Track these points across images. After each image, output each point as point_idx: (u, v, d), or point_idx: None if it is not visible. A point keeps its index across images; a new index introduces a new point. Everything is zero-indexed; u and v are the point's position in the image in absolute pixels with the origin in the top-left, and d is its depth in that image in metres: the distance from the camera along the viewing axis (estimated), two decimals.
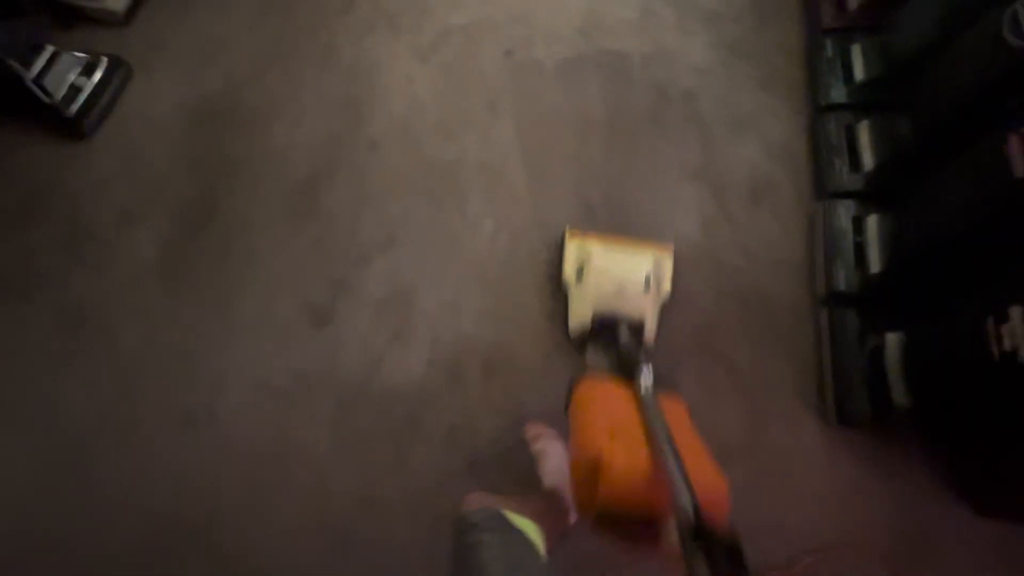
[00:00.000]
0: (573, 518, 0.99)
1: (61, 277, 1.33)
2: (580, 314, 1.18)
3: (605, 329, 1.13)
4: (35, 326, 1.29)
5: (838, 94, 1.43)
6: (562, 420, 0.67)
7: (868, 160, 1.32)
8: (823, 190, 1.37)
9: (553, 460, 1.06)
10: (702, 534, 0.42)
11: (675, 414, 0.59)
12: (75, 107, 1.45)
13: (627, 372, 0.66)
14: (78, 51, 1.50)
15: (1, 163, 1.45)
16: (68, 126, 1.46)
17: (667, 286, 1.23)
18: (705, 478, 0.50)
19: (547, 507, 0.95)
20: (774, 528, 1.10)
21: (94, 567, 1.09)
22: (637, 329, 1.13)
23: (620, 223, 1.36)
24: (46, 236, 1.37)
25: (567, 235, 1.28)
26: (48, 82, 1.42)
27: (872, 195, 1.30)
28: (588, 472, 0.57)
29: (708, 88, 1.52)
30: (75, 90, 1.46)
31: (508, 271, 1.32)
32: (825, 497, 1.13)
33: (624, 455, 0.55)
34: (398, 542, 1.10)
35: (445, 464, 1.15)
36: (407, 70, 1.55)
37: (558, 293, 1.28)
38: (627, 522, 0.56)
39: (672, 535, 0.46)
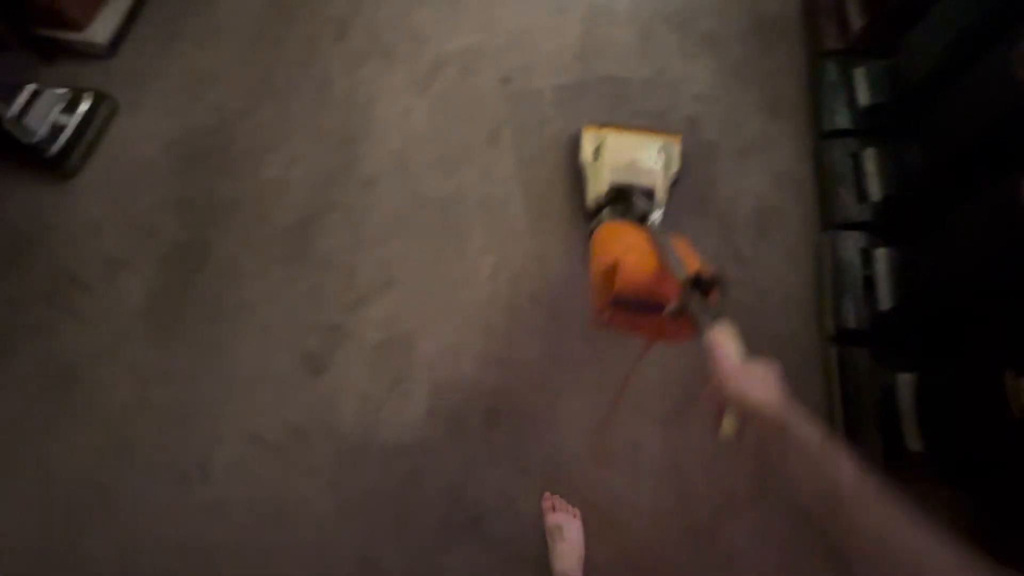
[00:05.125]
0: None
1: (49, 330, 1.28)
2: (597, 187, 1.27)
3: (620, 195, 1.23)
4: (22, 382, 1.24)
5: (842, 120, 1.40)
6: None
7: (875, 190, 1.29)
8: (829, 221, 1.33)
9: (570, 540, 1.02)
10: (695, 283, 0.63)
11: (678, 240, 0.77)
12: (57, 146, 1.40)
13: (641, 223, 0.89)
14: (62, 86, 1.45)
15: None
16: (51, 166, 1.42)
17: (676, 164, 1.32)
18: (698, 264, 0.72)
19: None
20: None
21: None
22: (649, 195, 1.23)
23: None
24: (32, 286, 1.33)
25: (584, 129, 1.37)
26: (29, 120, 1.38)
27: (880, 226, 1.27)
28: (606, 276, 0.76)
29: (710, 114, 1.48)
30: (57, 128, 1.41)
31: (510, 313, 1.28)
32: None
33: (636, 257, 0.75)
34: None
35: (446, 523, 1.11)
36: (404, 102, 1.51)
37: (561, 334, 1.25)
38: (636, 309, 0.74)
39: (674, 304, 0.65)
